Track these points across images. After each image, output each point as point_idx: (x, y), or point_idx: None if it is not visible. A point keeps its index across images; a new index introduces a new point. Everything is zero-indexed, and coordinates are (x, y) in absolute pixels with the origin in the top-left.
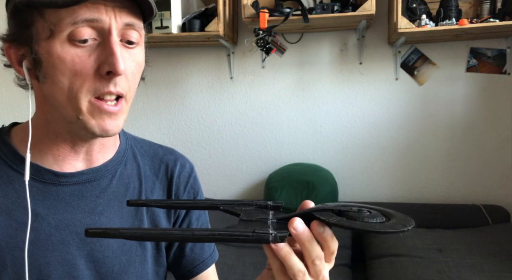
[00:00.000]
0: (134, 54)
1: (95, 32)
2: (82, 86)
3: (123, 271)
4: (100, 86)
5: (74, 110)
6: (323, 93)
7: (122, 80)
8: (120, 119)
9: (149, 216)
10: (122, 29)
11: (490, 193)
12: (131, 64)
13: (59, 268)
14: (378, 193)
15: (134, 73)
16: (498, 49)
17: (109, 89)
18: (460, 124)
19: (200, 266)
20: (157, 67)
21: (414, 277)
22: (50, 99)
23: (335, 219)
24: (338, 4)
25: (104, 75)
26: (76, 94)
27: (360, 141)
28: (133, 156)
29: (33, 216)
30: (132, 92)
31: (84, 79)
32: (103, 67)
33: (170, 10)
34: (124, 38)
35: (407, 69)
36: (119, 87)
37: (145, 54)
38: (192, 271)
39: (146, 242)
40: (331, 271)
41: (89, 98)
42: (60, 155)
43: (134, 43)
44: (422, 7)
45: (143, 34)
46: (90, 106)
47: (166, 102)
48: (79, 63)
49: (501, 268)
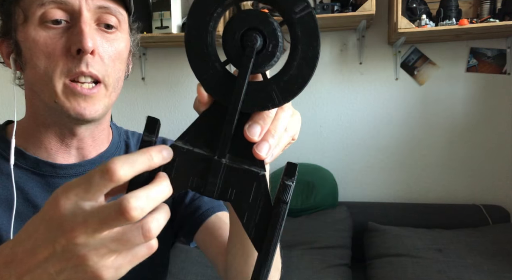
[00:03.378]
0: (113, 39)
1: (67, 14)
2: (56, 68)
3: None
4: (72, 66)
5: (50, 93)
6: (323, 93)
7: (96, 62)
8: (99, 104)
9: None
10: (96, 12)
11: (490, 193)
12: (108, 49)
13: None
14: (378, 193)
15: (113, 58)
16: (498, 49)
17: (81, 69)
18: (460, 124)
19: (203, 214)
20: (157, 67)
21: (414, 277)
22: (32, 86)
23: (272, 103)
24: (338, 4)
25: (75, 55)
26: (51, 77)
27: (360, 141)
28: (126, 148)
29: (32, 207)
30: (112, 78)
31: (57, 60)
32: (73, 47)
33: (170, 10)
34: (101, 21)
35: (407, 69)
36: (92, 68)
37: (132, 43)
38: (196, 221)
39: None
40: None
41: (64, 80)
42: (53, 149)
43: (112, 27)
44: (422, 7)
45: (123, 19)
46: (64, 89)
47: (166, 102)
48: (51, 44)
49: (501, 268)
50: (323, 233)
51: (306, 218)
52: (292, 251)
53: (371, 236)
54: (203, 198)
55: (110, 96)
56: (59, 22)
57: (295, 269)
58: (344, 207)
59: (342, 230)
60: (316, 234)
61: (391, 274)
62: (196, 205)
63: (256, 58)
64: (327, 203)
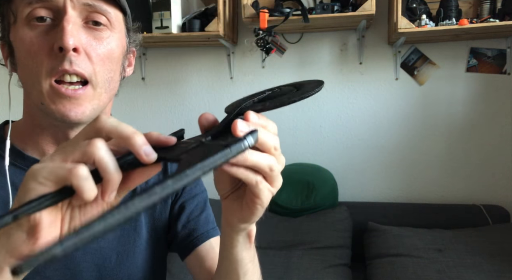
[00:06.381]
0: (103, 37)
1: (52, 13)
2: (41, 67)
3: (121, 261)
4: (55, 64)
5: (38, 95)
6: (323, 93)
7: (82, 60)
8: (86, 105)
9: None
10: (83, 10)
11: (490, 193)
12: (96, 46)
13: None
14: (378, 193)
15: (101, 57)
16: (498, 49)
17: (64, 67)
18: (460, 124)
19: (197, 239)
20: (157, 67)
21: (414, 277)
22: (24, 86)
23: (261, 105)
24: (338, 4)
25: (57, 53)
26: (38, 77)
27: (360, 141)
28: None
29: None
30: (101, 78)
31: (42, 59)
32: (55, 44)
33: (170, 10)
34: (89, 19)
35: (407, 69)
36: (77, 66)
37: (128, 43)
38: (189, 245)
39: (142, 232)
40: (331, 271)
41: (49, 81)
42: (49, 150)
43: (101, 24)
44: (422, 7)
45: (114, 18)
46: (50, 90)
47: (166, 102)
48: (36, 43)
49: (501, 268)
50: (323, 233)
51: (306, 218)
52: (292, 251)
53: (371, 236)
54: (200, 218)
55: (99, 98)
56: (44, 19)
57: (295, 269)
58: (344, 207)
59: (342, 230)
60: (316, 234)
61: (391, 274)
62: (191, 227)
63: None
64: (327, 203)
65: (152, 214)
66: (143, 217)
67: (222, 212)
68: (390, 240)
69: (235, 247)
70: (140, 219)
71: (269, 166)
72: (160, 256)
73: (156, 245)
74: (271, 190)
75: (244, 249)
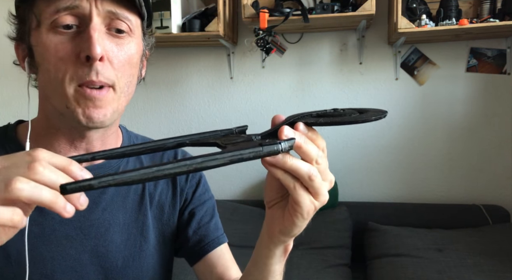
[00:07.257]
0: (124, 43)
1: (77, 19)
2: (66, 73)
3: (127, 265)
4: (82, 73)
5: (61, 98)
6: (323, 93)
7: (106, 69)
8: (108, 108)
9: (153, 211)
10: (106, 17)
11: (490, 193)
12: (118, 53)
13: (63, 263)
14: (378, 193)
15: (123, 63)
16: (498, 49)
17: (91, 78)
18: (460, 124)
19: (208, 245)
20: (157, 67)
21: (414, 277)
22: (44, 90)
23: (314, 120)
24: (338, 4)
25: (84, 62)
26: (61, 81)
27: (360, 141)
28: None
29: (37, 210)
30: (123, 83)
31: (67, 65)
32: (82, 53)
33: (170, 10)
34: (111, 26)
35: (407, 69)
36: (102, 77)
37: (144, 47)
38: (199, 251)
39: (149, 236)
40: (331, 271)
41: (74, 86)
42: (62, 151)
43: (123, 32)
44: (422, 7)
45: (134, 25)
46: (75, 93)
47: (166, 102)
48: (61, 50)
49: (501, 268)
50: (323, 233)
51: None
52: (292, 251)
53: (371, 236)
54: (210, 225)
55: (119, 100)
56: (70, 27)
57: (295, 269)
58: (344, 207)
59: (342, 230)
60: (316, 234)
61: (391, 274)
62: (201, 233)
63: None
64: (327, 203)
65: (161, 219)
66: (150, 220)
67: (264, 222)
68: (390, 240)
69: (270, 258)
70: (147, 223)
71: (308, 175)
72: (167, 261)
73: (163, 250)
74: (314, 202)
75: (278, 262)
